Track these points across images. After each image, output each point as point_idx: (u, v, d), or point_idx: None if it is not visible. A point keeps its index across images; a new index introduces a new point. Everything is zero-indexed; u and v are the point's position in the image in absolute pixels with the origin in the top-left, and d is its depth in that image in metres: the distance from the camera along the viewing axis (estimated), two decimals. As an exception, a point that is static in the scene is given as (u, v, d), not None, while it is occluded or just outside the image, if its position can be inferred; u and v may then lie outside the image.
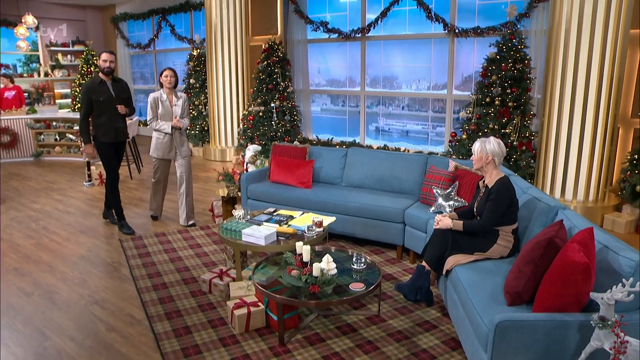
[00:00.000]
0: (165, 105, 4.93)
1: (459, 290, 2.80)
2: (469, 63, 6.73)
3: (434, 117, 7.21)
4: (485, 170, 3.21)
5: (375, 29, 7.35)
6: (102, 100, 4.75)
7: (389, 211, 4.22)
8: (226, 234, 3.67)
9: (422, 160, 4.62)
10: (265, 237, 3.50)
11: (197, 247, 4.63)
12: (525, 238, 3.14)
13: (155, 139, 5.04)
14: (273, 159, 5.07)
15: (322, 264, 3.10)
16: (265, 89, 7.89)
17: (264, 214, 4.12)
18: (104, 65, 4.76)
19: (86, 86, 4.75)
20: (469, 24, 6.46)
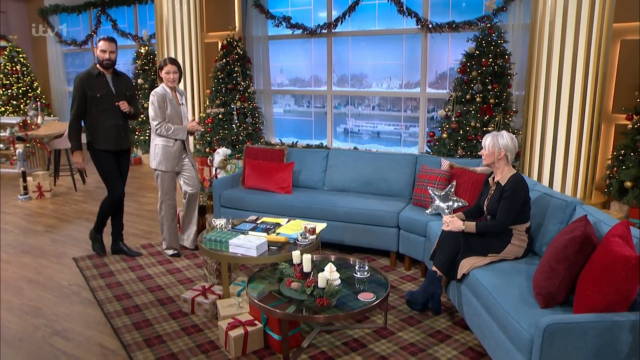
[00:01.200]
0: (173, 105, 4.23)
1: (481, 295, 2.73)
2: (443, 60, 6.82)
3: (407, 117, 7.25)
4: (496, 166, 3.18)
5: (343, 25, 7.31)
6: (100, 97, 4.12)
7: (382, 215, 4.13)
8: (209, 245, 3.44)
9: (412, 159, 4.58)
10: (257, 247, 3.30)
11: (167, 263, 4.33)
12: (540, 236, 3.14)
13: (161, 147, 4.23)
14: (247, 163, 4.86)
15: (325, 274, 2.94)
16: (225, 89, 7.64)
17: (246, 222, 3.92)
18: (102, 56, 4.11)
19: (80, 78, 4.09)
20: (443, 19, 6.55)
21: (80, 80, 4.10)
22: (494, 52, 5.63)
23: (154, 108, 4.18)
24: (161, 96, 4.17)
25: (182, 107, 4.33)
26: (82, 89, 4.09)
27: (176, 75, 4.21)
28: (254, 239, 3.40)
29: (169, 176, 4.30)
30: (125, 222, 5.50)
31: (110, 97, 4.18)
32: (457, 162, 4.22)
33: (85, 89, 4.09)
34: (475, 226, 3.14)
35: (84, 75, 4.13)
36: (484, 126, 5.68)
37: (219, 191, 4.73)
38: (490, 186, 3.28)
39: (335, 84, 7.70)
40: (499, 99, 5.68)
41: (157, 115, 4.17)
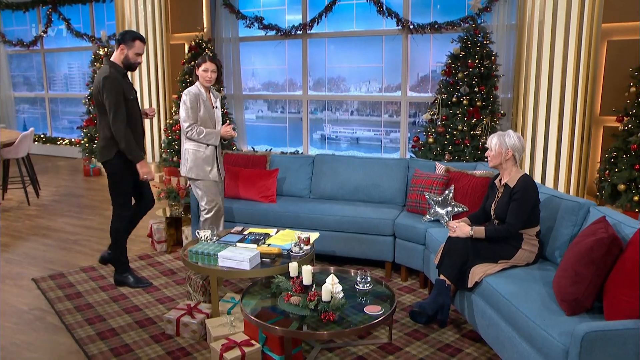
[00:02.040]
0: (207, 107, 3.93)
1: (499, 304, 2.66)
2: (425, 62, 6.84)
3: (388, 121, 7.23)
4: (503, 167, 3.15)
5: (319, 25, 7.25)
6: (133, 100, 3.77)
7: (376, 223, 4.04)
8: (196, 259, 3.25)
9: (404, 164, 4.52)
10: (250, 259, 3.14)
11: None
12: (551, 241, 3.10)
13: (192, 153, 3.94)
14: (227, 171, 4.68)
15: (328, 287, 2.81)
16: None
17: (232, 233, 3.75)
18: (135, 59, 3.73)
19: (115, 79, 3.59)
20: (425, 19, 6.58)
21: (116, 80, 3.62)
22: (480, 53, 5.67)
23: (185, 108, 3.86)
24: (194, 96, 3.87)
25: (216, 110, 4.04)
26: (122, 91, 3.66)
27: (214, 75, 3.91)
28: (245, 251, 3.24)
29: (207, 183, 3.98)
30: (90, 237, 5.23)
31: (136, 100, 3.88)
32: (454, 166, 4.18)
33: (124, 91, 3.68)
34: (485, 231, 3.08)
35: (116, 75, 3.64)
36: (472, 130, 5.70)
37: (196, 201, 4.52)
38: (497, 189, 3.24)
39: (311, 88, 7.62)
40: (486, 102, 5.71)
41: (189, 117, 3.86)
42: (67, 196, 7.06)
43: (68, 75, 10.51)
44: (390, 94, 7.12)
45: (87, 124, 8.70)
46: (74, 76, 10.48)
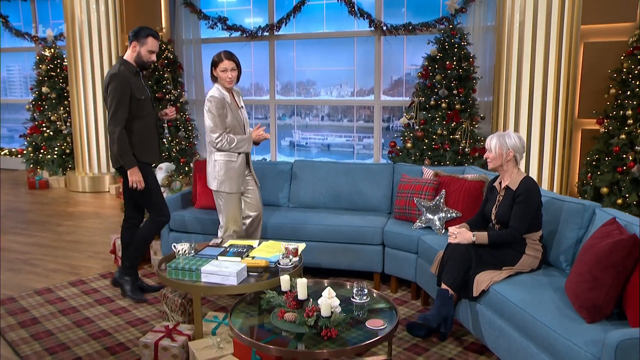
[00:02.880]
0: (233, 110, 3.66)
1: (510, 313, 2.60)
2: (398, 64, 6.85)
3: (360, 127, 7.19)
4: (504, 169, 3.11)
5: (287, 26, 7.16)
6: (144, 100, 3.58)
7: (363, 231, 3.94)
8: (176, 275, 3.04)
9: (388, 170, 4.45)
10: (237, 274, 2.96)
11: (108, 301, 3.83)
12: (554, 245, 3.08)
13: (223, 164, 3.66)
14: (199, 179, 4.49)
15: (327, 301, 2.68)
16: (153, 98, 7.16)
17: (210, 246, 3.56)
18: (150, 57, 3.58)
19: (124, 77, 3.46)
20: (398, 20, 6.59)
21: (125, 79, 3.46)
22: (458, 55, 5.71)
23: (212, 117, 3.57)
24: (220, 101, 3.57)
25: (241, 111, 3.77)
26: (129, 90, 3.48)
27: (234, 73, 3.62)
28: (231, 265, 3.06)
29: (234, 198, 3.73)
30: (43, 256, 4.91)
31: (149, 100, 3.68)
32: (443, 170, 4.14)
33: (133, 90, 3.50)
34: (488, 236, 3.03)
35: (125, 74, 3.49)
36: (451, 134, 5.71)
37: (167, 213, 4.31)
38: (497, 192, 3.20)
39: (278, 92, 7.51)
40: (465, 105, 5.74)
41: (217, 126, 3.57)
42: (11, 212, 6.63)
43: (7, 78, 9.97)
44: (363, 98, 7.09)
45: (31, 131, 8.25)
46: (14, 80, 9.96)
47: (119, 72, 3.48)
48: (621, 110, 5.10)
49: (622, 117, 5.07)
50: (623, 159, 5.00)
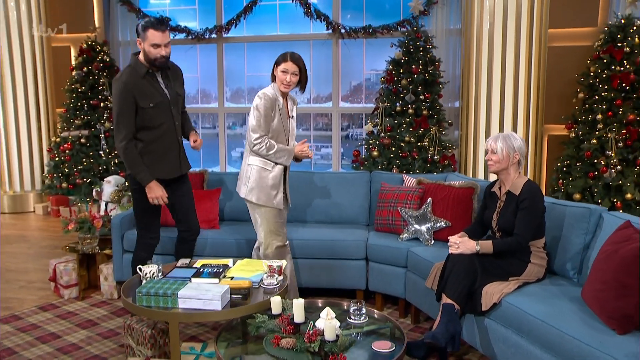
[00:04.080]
0: (282, 115, 3.42)
1: (529, 326, 2.51)
2: (358, 69, 6.81)
3: (318, 136, 7.07)
4: (508, 172, 3.06)
5: (237, 28, 6.95)
6: (154, 107, 3.24)
7: (345, 245, 3.79)
8: (148, 302, 2.74)
9: (365, 178, 4.34)
10: (222, 297, 2.71)
11: (54, 338, 3.44)
12: (560, 252, 3.05)
13: (256, 171, 3.44)
14: (155, 192, 4.17)
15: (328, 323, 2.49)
16: (87, 105, 6.73)
17: (179, 267, 3.27)
18: (154, 53, 3.18)
19: (124, 83, 3.18)
20: (357, 23, 6.54)
21: (126, 85, 3.17)
22: (423, 59, 5.71)
23: (257, 116, 3.34)
24: (271, 101, 3.34)
25: (290, 121, 3.51)
26: (131, 97, 3.17)
27: (295, 78, 3.35)
28: (212, 287, 2.80)
29: (273, 214, 3.47)
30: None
31: (165, 106, 3.31)
32: (426, 177, 4.06)
33: (136, 98, 3.18)
34: (493, 245, 2.94)
35: (128, 78, 3.19)
36: (419, 141, 5.68)
37: (120, 232, 3.96)
38: (497, 198, 3.13)
39: (228, 99, 7.27)
40: (433, 110, 5.74)
41: (260, 127, 3.34)
42: None
43: None
44: (320, 105, 6.98)
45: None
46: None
47: (120, 77, 3.21)
48: (590, 115, 5.25)
49: (592, 121, 5.22)
50: (594, 164, 5.14)
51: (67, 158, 6.61)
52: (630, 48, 5.06)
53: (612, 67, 5.12)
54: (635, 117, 5.05)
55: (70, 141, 6.64)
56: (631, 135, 5.03)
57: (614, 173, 5.00)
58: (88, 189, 6.58)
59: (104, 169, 6.71)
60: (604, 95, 5.12)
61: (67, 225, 4.09)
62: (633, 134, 5.02)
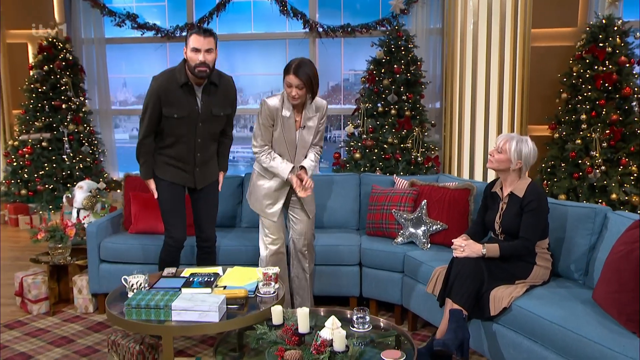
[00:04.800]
0: (287, 126, 3.28)
1: (543, 331, 2.48)
2: (336, 69, 6.76)
3: (295, 138, 6.97)
4: (507, 173, 3.03)
5: (209, 26, 6.78)
6: (178, 119, 3.18)
7: (338, 251, 3.72)
8: (138, 315, 2.60)
9: (354, 181, 4.27)
10: (219, 308, 2.60)
11: (25, 359, 3.23)
12: (564, 254, 3.04)
13: (255, 177, 3.47)
14: (133, 199, 4.01)
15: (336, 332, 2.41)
16: (49, 106, 6.46)
17: (165, 277, 3.14)
18: (195, 58, 3.06)
19: (158, 86, 3.13)
20: (335, 21, 6.49)
21: (157, 89, 3.14)
22: (405, 58, 5.70)
23: (257, 124, 3.34)
24: (270, 111, 3.24)
25: (301, 132, 3.34)
26: (157, 102, 3.15)
27: (301, 92, 3.18)
28: (208, 297, 2.69)
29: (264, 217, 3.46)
30: None
31: (192, 120, 3.23)
32: (419, 179, 4.03)
33: (162, 102, 3.15)
34: (499, 248, 2.92)
35: (163, 82, 3.14)
36: (402, 142, 5.66)
37: (97, 241, 3.78)
38: (500, 199, 3.10)
39: (200, 100, 7.09)
40: (415, 111, 5.74)
41: (258, 136, 3.31)
42: None
43: None
44: (297, 106, 6.89)
45: None
46: None
47: (158, 77, 3.19)
48: (574, 115, 5.33)
49: (576, 122, 5.30)
50: (578, 165, 5.22)
51: (26, 163, 6.32)
52: (612, 48, 5.16)
53: (594, 67, 5.22)
54: (618, 117, 5.15)
55: (30, 145, 6.36)
56: (615, 136, 5.12)
57: (599, 173, 5.08)
58: (50, 195, 6.32)
59: (68, 174, 6.45)
60: (588, 96, 5.21)
61: (35, 234, 3.88)
62: (616, 134, 5.12)
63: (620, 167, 5.12)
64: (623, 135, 5.14)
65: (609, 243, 2.80)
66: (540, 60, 5.86)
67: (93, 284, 3.82)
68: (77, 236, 4.01)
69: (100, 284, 3.79)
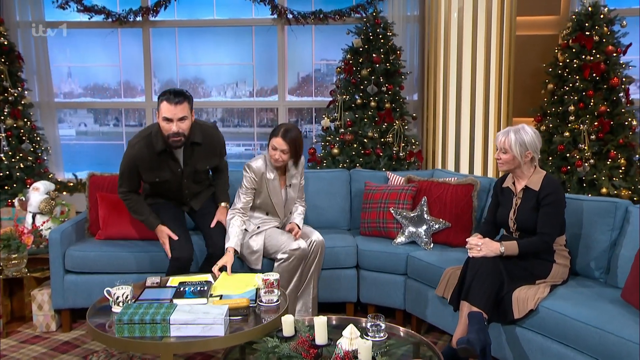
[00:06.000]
0: (272, 188, 3.50)
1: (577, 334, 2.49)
2: (306, 59, 6.65)
3: (262, 133, 6.84)
4: (520, 171, 3.02)
5: (167, 11, 6.51)
6: (160, 183, 3.41)
7: (335, 253, 3.65)
8: (131, 332, 2.42)
9: (344, 178, 4.22)
10: (225, 320, 2.46)
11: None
12: (581, 250, 3.06)
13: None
14: (100, 200, 3.79)
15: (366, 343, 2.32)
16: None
17: (150, 288, 2.97)
18: (167, 128, 3.19)
19: (133, 156, 3.31)
20: (305, 7, 6.37)
21: (133, 160, 3.32)
22: (384, 47, 5.65)
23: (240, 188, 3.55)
24: (256, 174, 3.48)
25: (287, 190, 3.58)
26: (134, 169, 3.35)
27: (285, 156, 3.40)
28: (211, 309, 2.54)
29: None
30: None
31: (176, 179, 3.44)
32: (415, 174, 3.98)
33: (140, 169, 3.34)
34: (518, 246, 2.89)
35: (139, 151, 3.29)
36: (382, 136, 5.61)
37: (61, 249, 3.53)
38: (513, 194, 3.08)
39: (157, 92, 6.83)
40: (396, 103, 5.70)
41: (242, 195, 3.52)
42: None
43: None
44: (265, 99, 6.76)
45: None
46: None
47: (133, 146, 3.32)
48: (560, 107, 5.41)
49: (563, 113, 5.39)
50: (567, 159, 5.30)
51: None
52: (599, 37, 5.27)
53: (582, 56, 5.31)
54: (606, 108, 5.26)
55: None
56: (603, 127, 5.23)
57: (588, 167, 5.18)
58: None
59: (7, 174, 6.06)
60: (575, 86, 5.29)
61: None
62: (605, 126, 5.22)
63: (609, 160, 5.23)
64: (611, 127, 5.25)
65: (631, 239, 2.83)
66: (523, 49, 5.92)
67: (56, 299, 3.57)
68: (33, 244, 3.75)
69: (65, 298, 3.56)
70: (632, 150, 5.32)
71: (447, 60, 5.40)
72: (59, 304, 3.57)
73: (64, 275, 3.56)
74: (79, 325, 3.71)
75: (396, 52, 5.73)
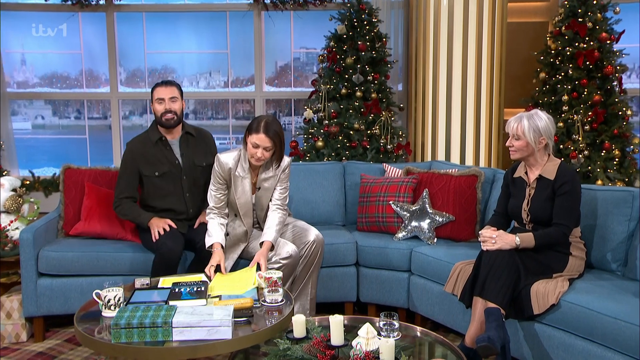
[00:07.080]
0: (242, 187, 3.32)
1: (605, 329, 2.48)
2: (285, 47, 6.60)
3: (238, 126, 6.79)
4: (533, 158, 3.03)
5: (135, -5, 6.42)
6: (160, 177, 3.49)
7: (335, 249, 3.60)
8: (129, 337, 2.31)
9: (338, 170, 4.19)
10: (232, 322, 2.38)
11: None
12: (597, 241, 3.08)
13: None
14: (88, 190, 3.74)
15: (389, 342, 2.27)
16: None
17: (139, 289, 2.86)
18: (158, 109, 3.43)
19: (132, 148, 3.51)
20: (284, -8, 6.32)
21: (131, 153, 3.49)
22: (370, 35, 5.62)
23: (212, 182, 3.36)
24: (223, 169, 3.29)
25: (258, 193, 3.38)
26: (134, 165, 3.48)
27: (267, 154, 3.19)
28: (216, 310, 2.45)
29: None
30: None
31: (174, 176, 3.51)
32: (413, 166, 3.95)
33: (139, 163, 3.47)
34: (534, 238, 2.89)
35: (137, 144, 3.52)
36: (368, 128, 5.58)
37: (34, 250, 3.38)
38: (526, 184, 3.08)
39: (123, 82, 6.73)
40: (382, 93, 5.68)
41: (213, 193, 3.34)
42: None
43: None
44: (241, 90, 6.70)
45: None
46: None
47: (131, 142, 3.54)
48: (553, 96, 5.47)
49: (555, 103, 5.45)
50: (561, 150, 5.37)
51: None
52: (592, 23, 5.34)
53: (575, 44, 5.38)
54: (600, 97, 5.34)
55: None
56: (597, 118, 5.30)
57: (582, 158, 5.25)
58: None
59: (-41, 172, 5.84)
60: (568, 75, 5.36)
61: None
62: (599, 116, 5.30)
63: (603, 151, 5.31)
64: (605, 118, 5.33)
65: (651, 229, 2.85)
66: (513, 37, 5.97)
67: (28, 305, 3.41)
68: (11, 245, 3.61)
69: (39, 304, 3.40)
70: (626, 141, 5.41)
71: (436, 49, 5.40)
72: (31, 311, 3.41)
73: (37, 279, 3.40)
74: (53, 334, 3.56)
75: (382, 39, 5.71)
